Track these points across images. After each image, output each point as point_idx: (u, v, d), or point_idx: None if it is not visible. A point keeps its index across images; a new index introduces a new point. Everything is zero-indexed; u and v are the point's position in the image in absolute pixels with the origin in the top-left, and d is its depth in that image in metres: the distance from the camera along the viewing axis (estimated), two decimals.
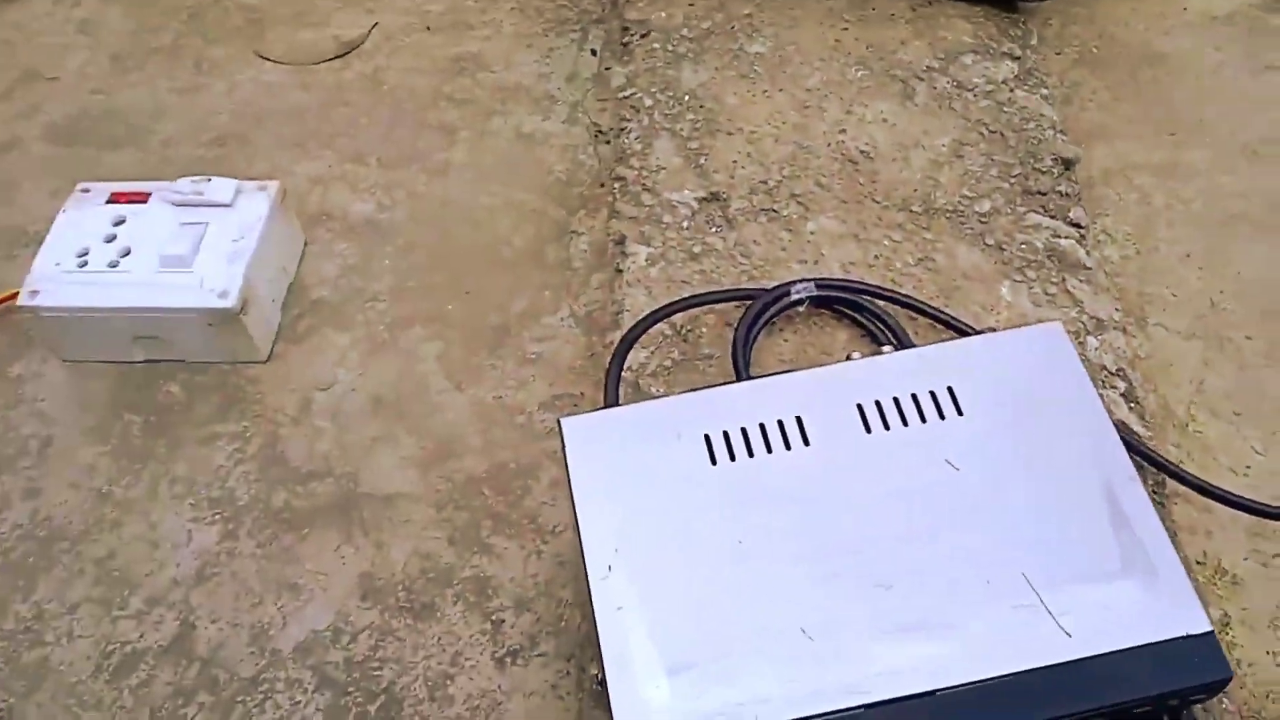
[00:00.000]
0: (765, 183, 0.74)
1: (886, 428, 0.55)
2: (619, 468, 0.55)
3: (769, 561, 0.51)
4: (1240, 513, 0.63)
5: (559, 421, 0.56)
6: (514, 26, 1.02)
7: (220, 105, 0.97)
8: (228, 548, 0.68)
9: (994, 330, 0.64)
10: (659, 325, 0.67)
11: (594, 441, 0.56)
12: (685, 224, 0.72)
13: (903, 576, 0.50)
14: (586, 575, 0.51)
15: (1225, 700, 0.56)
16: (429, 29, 1.02)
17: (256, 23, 1.05)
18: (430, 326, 0.80)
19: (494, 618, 0.64)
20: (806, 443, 0.55)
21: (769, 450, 0.55)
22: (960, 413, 0.56)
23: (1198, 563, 0.65)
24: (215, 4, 1.07)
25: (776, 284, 0.67)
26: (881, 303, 0.67)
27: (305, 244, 0.84)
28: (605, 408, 0.59)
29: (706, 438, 0.55)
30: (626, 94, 0.81)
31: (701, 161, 0.76)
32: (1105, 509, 0.52)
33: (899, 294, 0.66)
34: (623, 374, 0.66)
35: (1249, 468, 0.69)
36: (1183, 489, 0.64)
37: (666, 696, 0.47)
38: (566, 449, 0.55)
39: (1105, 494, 0.52)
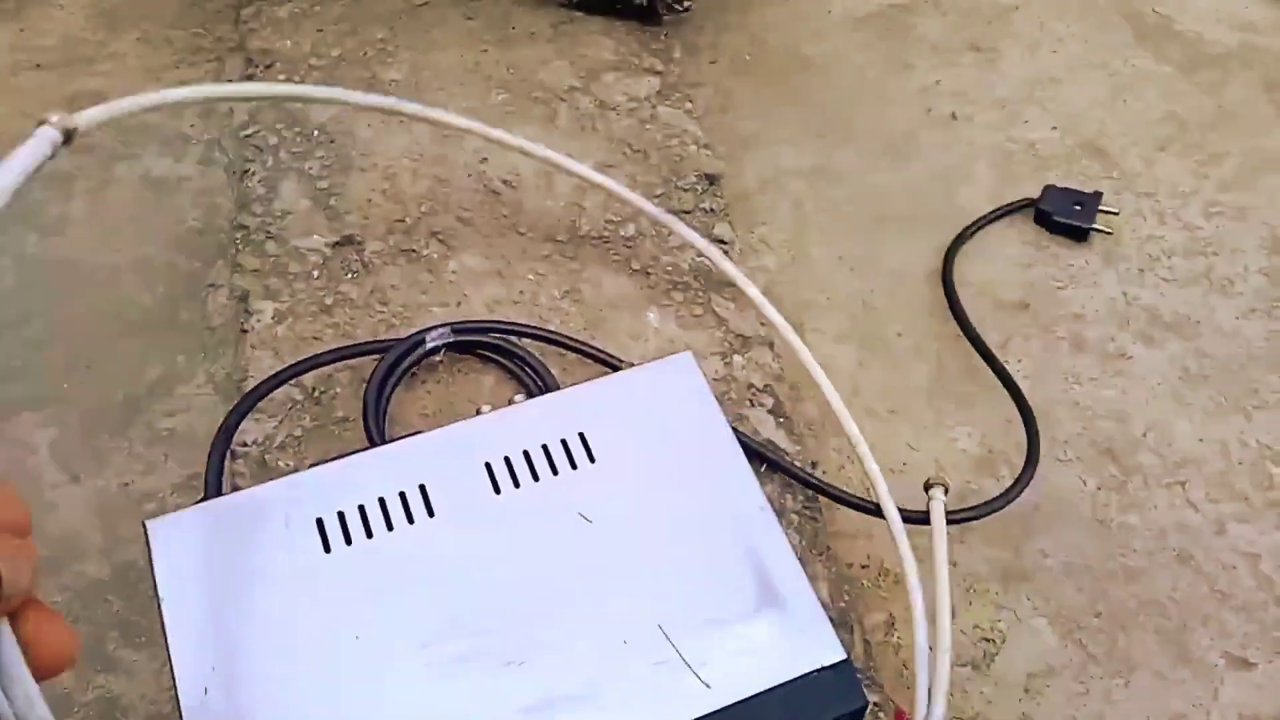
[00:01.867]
0: (403, 220, 0.70)
1: (516, 485, 0.52)
2: (216, 571, 0.48)
3: (388, 656, 0.47)
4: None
5: (144, 524, 0.49)
6: (140, 60, 0.92)
7: None
8: None
9: (635, 364, 0.62)
10: (286, 389, 0.61)
11: (188, 543, 0.49)
12: (316, 273, 0.67)
13: (536, 650, 0.47)
14: (178, 704, 0.45)
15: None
16: (39, 66, 0.91)
17: None
18: (42, 411, 0.70)
19: None
20: (431, 513, 0.51)
21: (389, 527, 0.50)
22: (592, 459, 0.53)
23: (862, 566, 0.66)
24: None
25: (413, 332, 0.62)
26: (526, 341, 0.64)
27: None
28: (205, 499, 0.53)
29: (319, 521, 0.50)
30: (249, 132, 0.74)
31: (332, 202, 0.70)
32: (738, 544, 0.51)
33: (541, 330, 0.64)
34: (246, 450, 0.59)
35: (905, 464, 0.71)
36: None
37: None
38: (153, 557, 0.48)
39: (736, 528, 0.51)
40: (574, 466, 0.53)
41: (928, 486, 0.60)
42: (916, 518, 0.59)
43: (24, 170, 0.39)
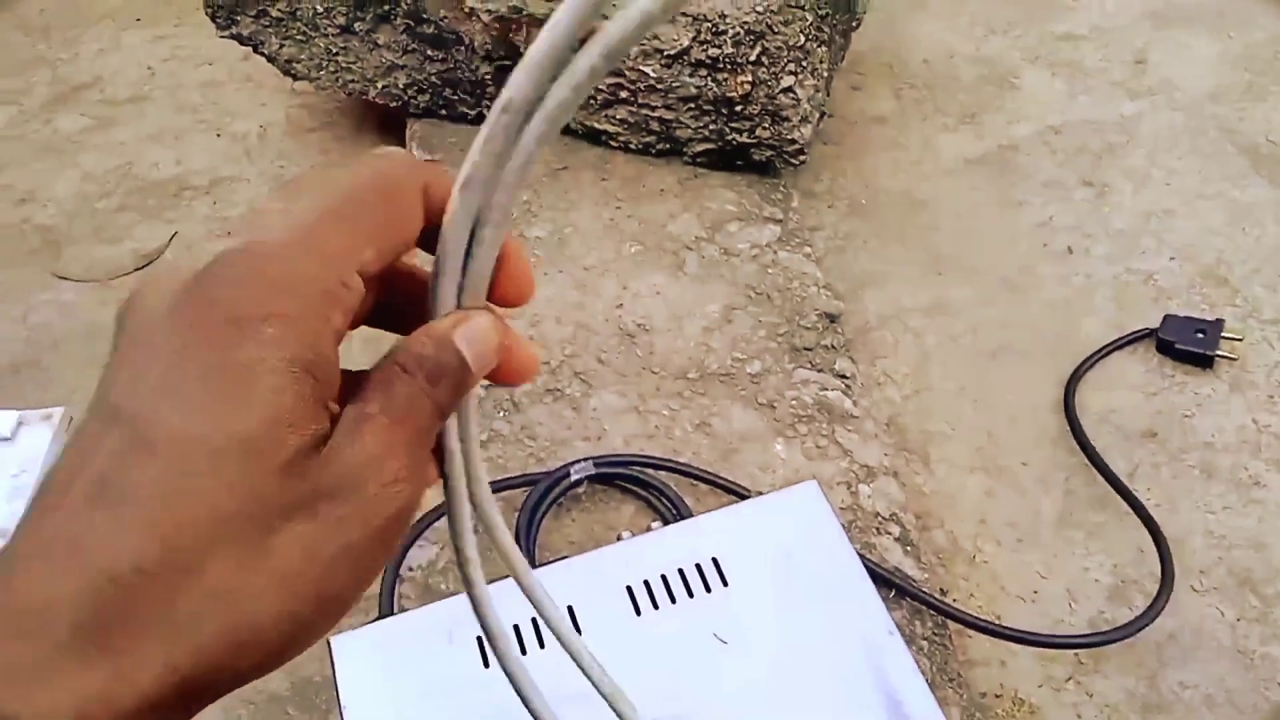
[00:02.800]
0: (548, 363, 0.76)
1: (655, 607, 0.56)
2: (391, 683, 0.54)
3: None
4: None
5: (328, 642, 0.55)
6: None
7: (14, 332, 0.95)
8: None
9: (763, 493, 0.65)
10: (445, 520, 0.67)
11: (365, 657, 0.55)
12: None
13: None
14: None
15: None
16: (229, 234, 1.03)
17: (53, 243, 1.04)
18: None
19: None
20: (579, 632, 0.55)
21: (541, 645, 0.55)
22: (725, 583, 0.57)
23: (995, 695, 0.66)
24: (11, 226, 1.06)
25: (559, 465, 0.68)
26: (662, 473, 0.68)
27: None
28: (380, 618, 0.58)
29: (479, 639, 0.55)
30: None
31: None
32: (868, 668, 0.53)
33: (675, 463, 0.68)
34: (412, 574, 0.65)
35: (1035, 592, 0.71)
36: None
37: None
38: (336, 670, 0.54)
39: (866, 652, 0.54)
40: (708, 590, 0.56)
41: None
42: (1052, 641, 0.60)
43: None
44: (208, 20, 0.99)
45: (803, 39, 0.85)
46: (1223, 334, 0.82)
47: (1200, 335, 0.82)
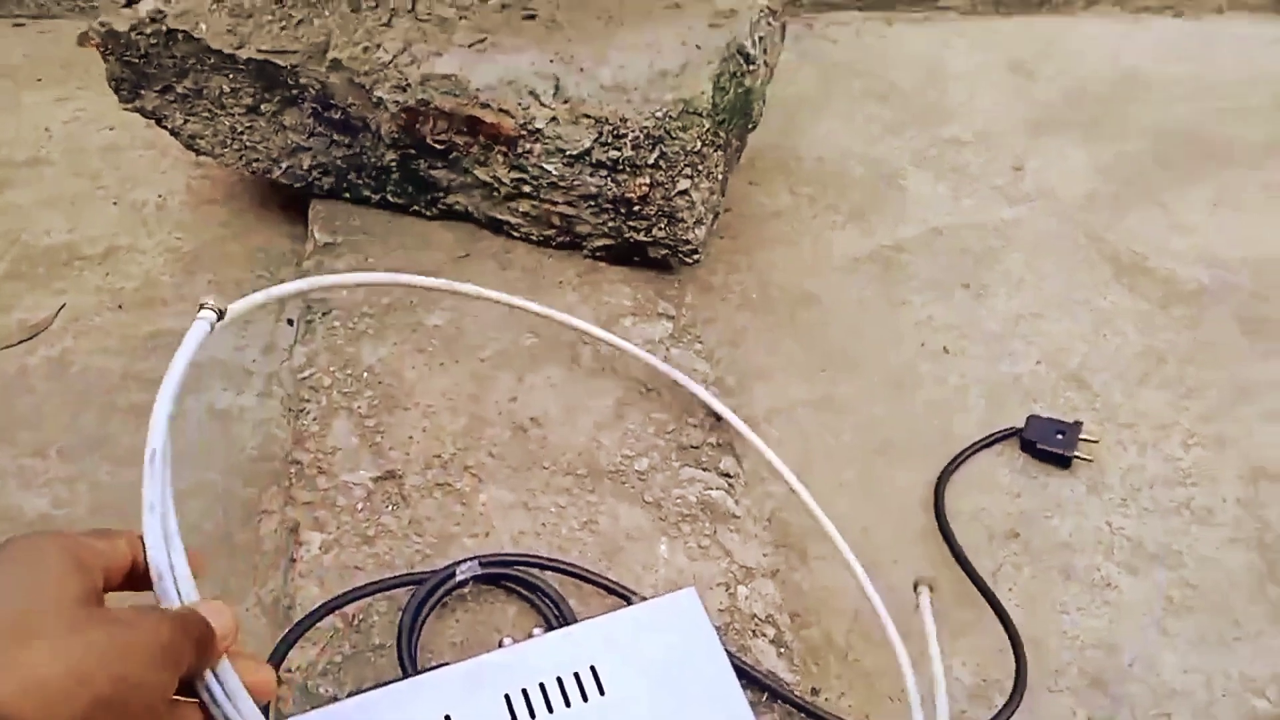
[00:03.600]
0: (440, 456, 0.77)
1: (533, 717, 0.57)
2: None
3: None
4: None
5: None
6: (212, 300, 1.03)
7: None
8: None
9: (645, 596, 0.67)
10: (329, 619, 0.67)
11: None
12: (360, 506, 0.74)
13: None
14: None
15: None
16: (120, 307, 1.02)
17: None
18: None
19: None
20: None
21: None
22: (602, 692, 0.58)
23: None
24: None
25: (445, 564, 0.69)
26: (547, 573, 0.70)
27: None
28: None
29: None
30: (305, 374, 0.83)
31: (378, 439, 0.78)
32: None
33: (561, 563, 0.70)
34: (290, 676, 0.65)
35: (903, 690, 0.74)
36: None
37: None
38: None
39: None
40: (585, 699, 0.58)
41: (915, 585, 0.70)
42: None
43: (193, 346, 0.51)
44: None
45: (699, 144, 0.89)
46: (1081, 436, 0.88)
47: (1060, 436, 0.88)
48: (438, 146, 0.93)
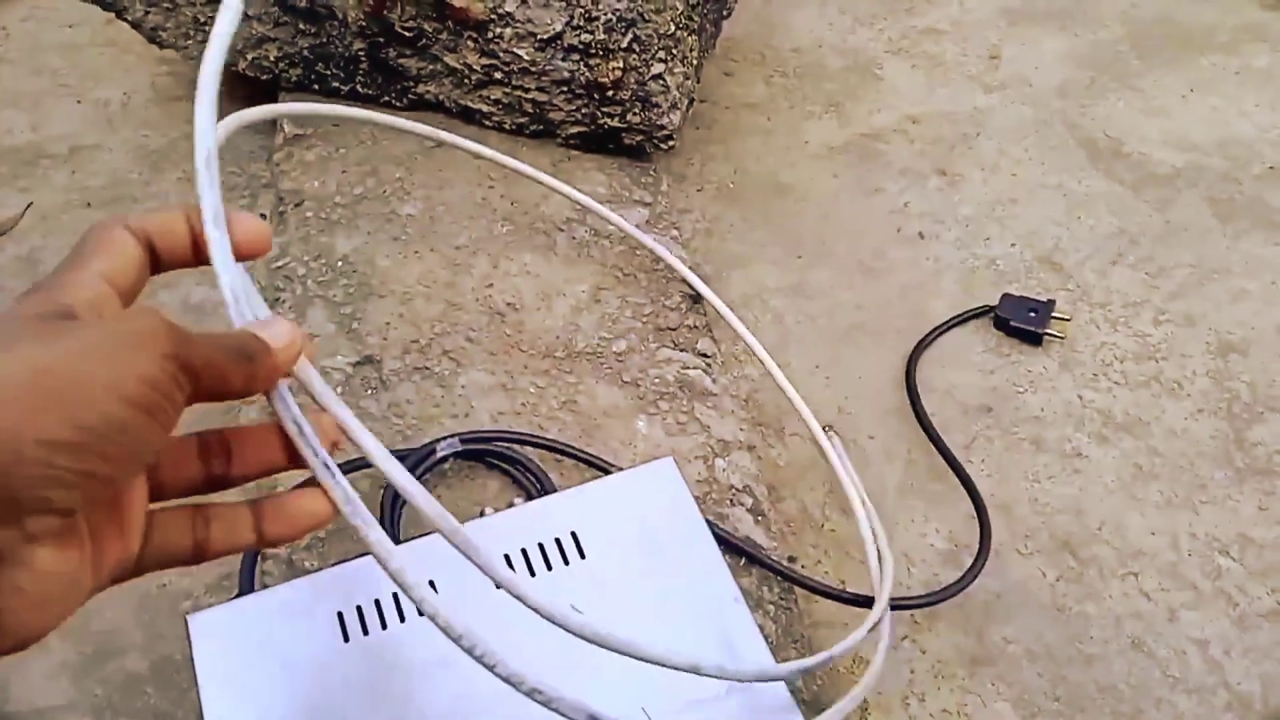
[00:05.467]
0: (417, 341, 0.77)
1: None
2: (249, 660, 0.54)
3: None
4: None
5: (185, 619, 0.55)
6: (181, 197, 1.02)
7: None
8: None
9: (624, 468, 0.68)
10: None
11: (223, 635, 0.55)
12: (340, 390, 0.74)
13: None
14: None
15: None
16: (89, 205, 1.00)
17: None
18: None
19: None
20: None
21: (402, 619, 0.56)
22: (583, 556, 0.59)
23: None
24: None
25: (425, 442, 0.69)
26: (527, 449, 0.70)
27: None
28: (239, 595, 0.59)
29: (339, 614, 0.56)
30: (280, 264, 0.82)
31: (354, 326, 0.78)
32: (711, 631, 0.57)
33: (540, 438, 0.70)
34: (276, 552, 0.66)
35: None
36: None
37: None
38: (193, 648, 0.54)
39: (714, 618, 0.57)
40: (566, 563, 0.59)
41: (825, 429, 0.75)
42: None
43: (227, 34, 0.40)
44: None
45: (673, 27, 0.88)
46: (1053, 314, 0.89)
47: (1033, 314, 0.89)
48: (406, 34, 0.91)
